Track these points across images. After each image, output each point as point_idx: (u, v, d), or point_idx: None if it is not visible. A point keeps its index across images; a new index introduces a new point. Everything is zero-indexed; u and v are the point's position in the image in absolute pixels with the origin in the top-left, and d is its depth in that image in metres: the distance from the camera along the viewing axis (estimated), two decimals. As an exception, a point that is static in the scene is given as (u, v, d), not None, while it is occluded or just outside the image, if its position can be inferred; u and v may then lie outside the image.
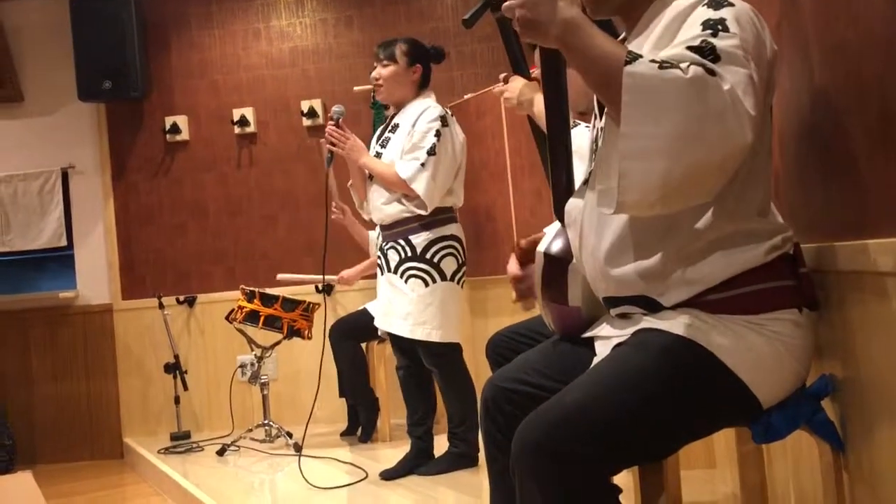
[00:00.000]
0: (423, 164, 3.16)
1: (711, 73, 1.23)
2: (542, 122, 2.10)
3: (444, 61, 3.46)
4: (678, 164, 1.23)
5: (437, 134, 3.20)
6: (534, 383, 1.65)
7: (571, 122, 2.34)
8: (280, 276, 4.38)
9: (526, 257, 1.83)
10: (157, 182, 4.95)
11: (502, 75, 2.52)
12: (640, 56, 1.25)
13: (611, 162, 1.30)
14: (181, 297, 4.83)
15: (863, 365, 1.34)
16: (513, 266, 1.85)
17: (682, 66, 1.23)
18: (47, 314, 4.89)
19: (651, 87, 1.23)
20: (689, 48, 1.27)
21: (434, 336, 3.20)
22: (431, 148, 3.18)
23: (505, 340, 2.18)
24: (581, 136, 2.20)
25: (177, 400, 4.58)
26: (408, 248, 3.24)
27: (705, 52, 1.26)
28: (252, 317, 3.98)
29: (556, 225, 1.73)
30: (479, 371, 3.24)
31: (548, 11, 1.32)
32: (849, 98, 1.34)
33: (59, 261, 5.08)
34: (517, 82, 2.43)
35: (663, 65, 1.23)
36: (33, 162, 4.91)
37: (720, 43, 1.27)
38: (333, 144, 3.27)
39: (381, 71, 3.30)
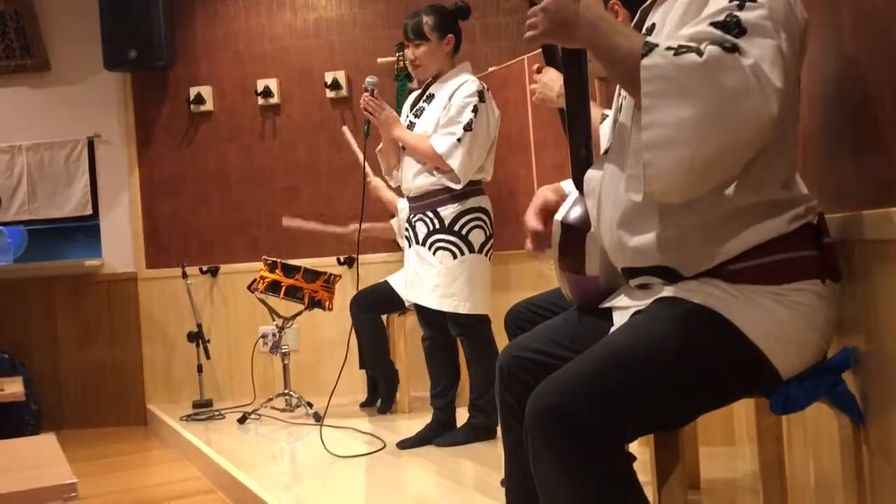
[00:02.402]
0: (459, 140, 3.15)
1: (732, 49, 1.21)
2: None
3: (469, 18, 3.38)
4: (702, 149, 1.23)
5: (475, 110, 3.19)
6: (550, 352, 1.64)
7: (600, 113, 2.30)
8: (285, 221, 4.35)
9: (545, 215, 1.80)
10: (181, 152, 4.97)
11: (535, 66, 2.46)
12: (656, 45, 1.25)
13: (640, 148, 1.29)
14: (204, 267, 4.87)
15: (885, 338, 1.31)
16: (531, 220, 1.78)
17: (701, 46, 1.22)
18: (73, 282, 4.95)
19: (667, 76, 1.23)
20: (713, 23, 1.25)
21: (462, 308, 3.20)
22: (468, 123, 3.16)
23: (523, 312, 2.18)
24: (608, 127, 2.16)
25: (199, 368, 4.63)
26: (436, 221, 3.23)
27: (730, 26, 1.24)
28: (273, 287, 4.00)
29: (574, 190, 1.71)
30: (500, 344, 3.24)
31: (571, 15, 1.33)
32: (878, 66, 1.31)
33: (84, 229, 5.14)
34: (551, 73, 2.36)
35: (679, 50, 1.23)
36: (59, 131, 4.95)
37: (746, 15, 1.25)
38: (371, 113, 3.26)
39: (416, 52, 3.27)
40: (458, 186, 3.19)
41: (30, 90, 5.01)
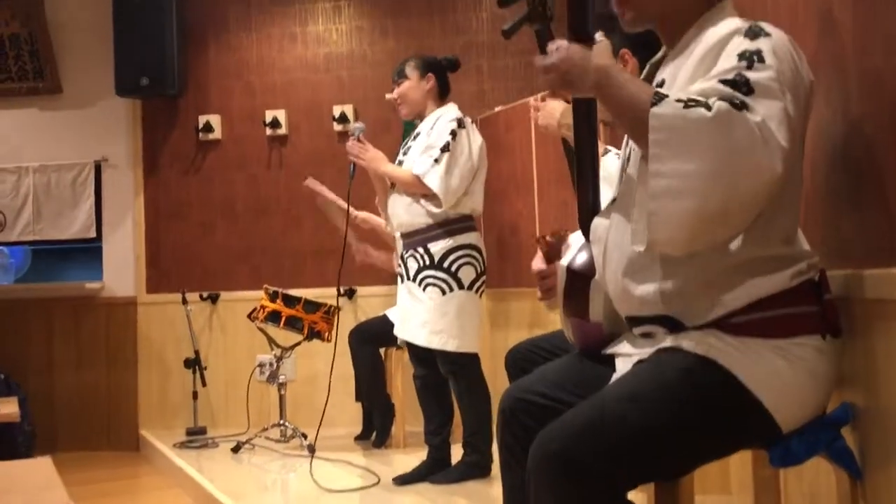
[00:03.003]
0: (436, 160, 3.21)
1: (741, 106, 1.25)
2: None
3: (460, 69, 3.50)
4: (709, 202, 1.26)
5: (453, 133, 3.26)
6: (552, 396, 1.66)
7: (602, 148, 2.35)
8: (309, 182, 4.27)
9: (552, 252, 1.84)
10: (187, 179, 5.01)
11: (540, 94, 2.52)
12: (667, 96, 1.28)
13: (643, 200, 1.32)
14: (205, 294, 4.88)
15: (885, 395, 1.34)
16: (538, 262, 1.85)
17: (710, 101, 1.25)
18: (72, 304, 4.95)
19: (676, 127, 1.26)
20: (723, 80, 1.29)
21: (450, 345, 3.21)
22: (445, 145, 3.23)
23: (525, 353, 2.19)
24: (611, 163, 2.21)
25: (195, 395, 4.62)
26: (426, 256, 3.26)
27: (739, 84, 1.28)
28: (274, 316, 4.02)
29: (580, 235, 1.74)
30: (498, 382, 3.25)
31: (583, 67, 1.38)
32: (883, 128, 1.34)
33: (87, 252, 5.16)
34: (555, 103, 2.43)
35: (689, 103, 1.26)
36: (68, 154, 4.99)
37: (755, 75, 1.28)
38: (356, 157, 3.34)
39: (398, 90, 3.42)
40: (441, 210, 3.21)
41: (40, 112, 5.06)
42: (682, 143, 1.25)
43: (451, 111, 3.36)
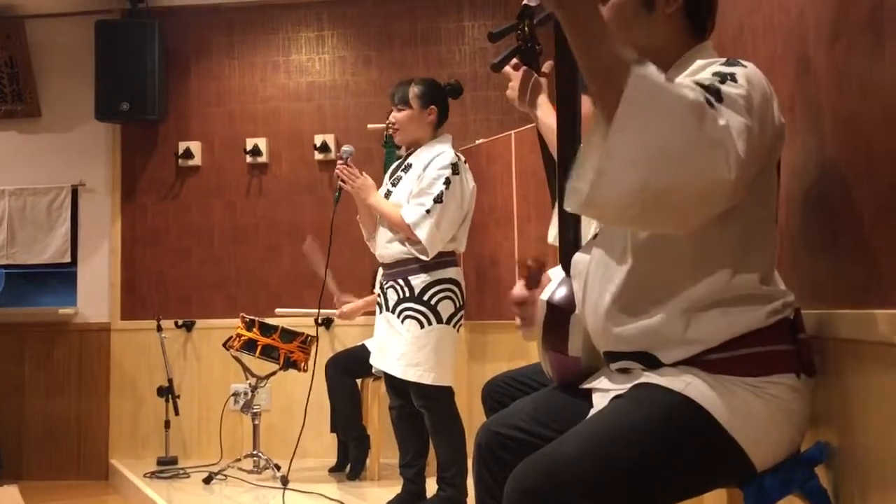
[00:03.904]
0: (428, 211, 3.17)
1: (711, 105, 1.26)
2: (545, 130, 2.04)
3: (460, 97, 3.47)
4: (658, 177, 1.23)
5: (447, 182, 3.21)
6: (529, 430, 1.65)
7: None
8: (279, 311, 4.40)
9: (532, 279, 1.83)
10: (165, 205, 4.99)
11: (513, 61, 2.40)
12: (651, 65, 1.25)
13: (588, 161, 1.30)
14: (180, 321, 4.84)
15: (858, 434, 1.34)
16: (518, 288, 1.83)
17: (687, 90, 1.26)
18: (45, 329, 4.89)
19: (654, 94, 1.23)
20: (697, 83, 1.30)
21: (426, 378, 3.18)
22: (439, 196, 3.19)
23: (501, 386, 2.17)
24: None
25: (167, 424, 4.56)
26: (406, 289, 3.24)
27: (710, 90, 1.28)
28: (249, 345, 3.98)
29: (560, 270, 1.75)
30: (475, 416, 3.24)
31: None
32: (858, 170, 1.36)
33: (61, 277, 5.10)
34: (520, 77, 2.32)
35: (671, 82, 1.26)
36: (44, 177, 4.95)
37: (726, 89, 1.30)
38: (343, 181, 3.31)
39: (396, 115, 3.33)
40: (426, 258, 3.21)
41: (18, 135, 5.04)
42: (655, 111, 1.22)
43: (446, 153, 3.28)
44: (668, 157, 1.22)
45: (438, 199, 3.19)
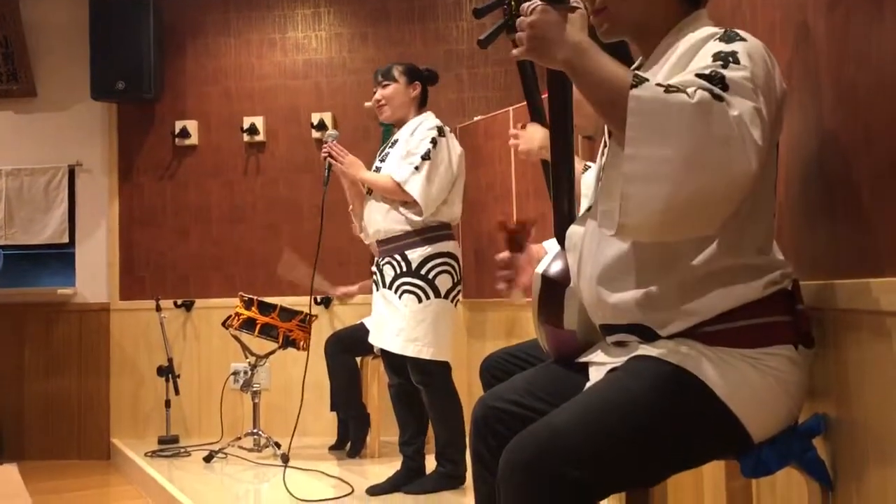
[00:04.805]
0: (416, 168, 3.20)
1: (719, 98, 1.24)
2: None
3: (438, 83, 3.53)
4: (682, 189, 1.23)
5: (433, 141, 3.26)
6: (526, 404, 1.64)
7: (581, 165, 2.34)
8: (283, 263, 4.37)
9: (513, 242, 1.83)
10: (162, 185, 4.97)
11: (520, 123, 2.52)
12: (647, 80, 1.26)
13: (614, 184, 1.30)
14: (179, 301, 4.83)
15: (856, 405, 1.33)
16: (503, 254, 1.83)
17: (689, 90, 1.24)
18: (44, 310, 4.89)
19: (656, 111, 1.23)
20: (699, 75, 1.28)
21: (424, 353, 3.19)
22: (426, 153, 3.23)
23: (499, 362, 2.17)
24: (591, 179, 2.20)
25: (167, 403, 4.57)
26: (403, 264, 3.24)
27: (714, 80, 1.26)
28: (248, 324, 3.98)
29: (555, 242, 1.74)
30: (473, 392, 3.24)
31: (557, 34, 1.34)
32: (856, 139, 1.35)
33: (59, 257, 5.09)
34: (535, 130, 2.42)
35: (669, 89, 1.24)
36: (41, 157, 4.93)
37: (730, 73, 1.28)
38: (333, 159, 3.31)
39: (383, 91, 3.37)
40: (420, 218, 3.21)
41: (14, 115, 5.01)
42: (661, 127, 1.23)
43: (430, 119, 3.36)
44: (686, 165, 1.22)
45: (426, 157, 3.23)
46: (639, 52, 1.59)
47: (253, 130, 4.88)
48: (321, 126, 4.83)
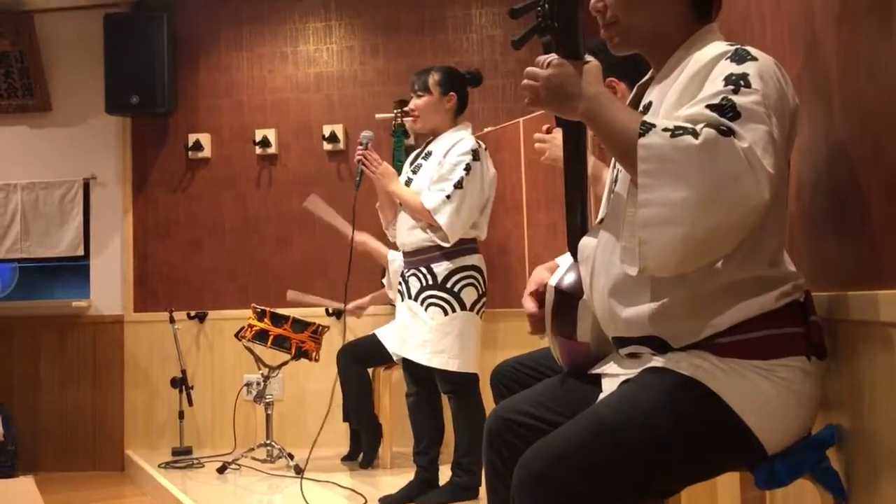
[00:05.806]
0: (448, 196, 3.17)
1: (728, 132, 1.26)
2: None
3: (480, 85, 3.47)
4: (697, 229, 1.26)
5: (467, 168, 3.21)
6: (539, 416, 1.65)
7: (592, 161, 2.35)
8: (290, 294, 4.39)
9: (542, 298, 1.82)
10: (176, 197, 5.01)
11: (546, 126, 2.49)
12: (654, 125, 1.29)
13: (634, 222, 1.32)
14: (192, 313, 4.86)
15: (869, 416, 1.34)
16: (528, 303, 1.82)
17: (697, 128, 1.26)
18: (59, 322, 4.92)
19: (665, 157, 1.26)
20: (709, 106, 1.29)
21: (451, 365, 3.19)
22: (459, 181, 3.19)
23: (510, 371, 2.17)
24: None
25: (181, 415, 4.59)
26: (429, 276, 3.24)
27: (725, 109, 1.28)
28: (261, 336, 4.00)
29: (569, 257, 1.74)
30: (486, 403, 3.24)
31: (574, 88, 1.39)
32: (865, 151, 1.36)
33: (74, 270, 5.14)
34: (561, 135, 2.40)
35: (676, 132, 1.27)
36: (56, 171, 4.98)
37: (741, 100, 1.29)
38: (365, 166, 3.31)
39: (416, 101, 3.34)
40: (446, 245, 3.22)
41: (29, 130, 5.06)
42: (671, 172, 1.26)
43: (466, 140, 3.28)
44: (700, 206, 1.25)
45: (458, 185, 3.19)
46: (651, 63, 1.61)
47: (265, 143, 4.92)
48: (333, 138, 4.86)
